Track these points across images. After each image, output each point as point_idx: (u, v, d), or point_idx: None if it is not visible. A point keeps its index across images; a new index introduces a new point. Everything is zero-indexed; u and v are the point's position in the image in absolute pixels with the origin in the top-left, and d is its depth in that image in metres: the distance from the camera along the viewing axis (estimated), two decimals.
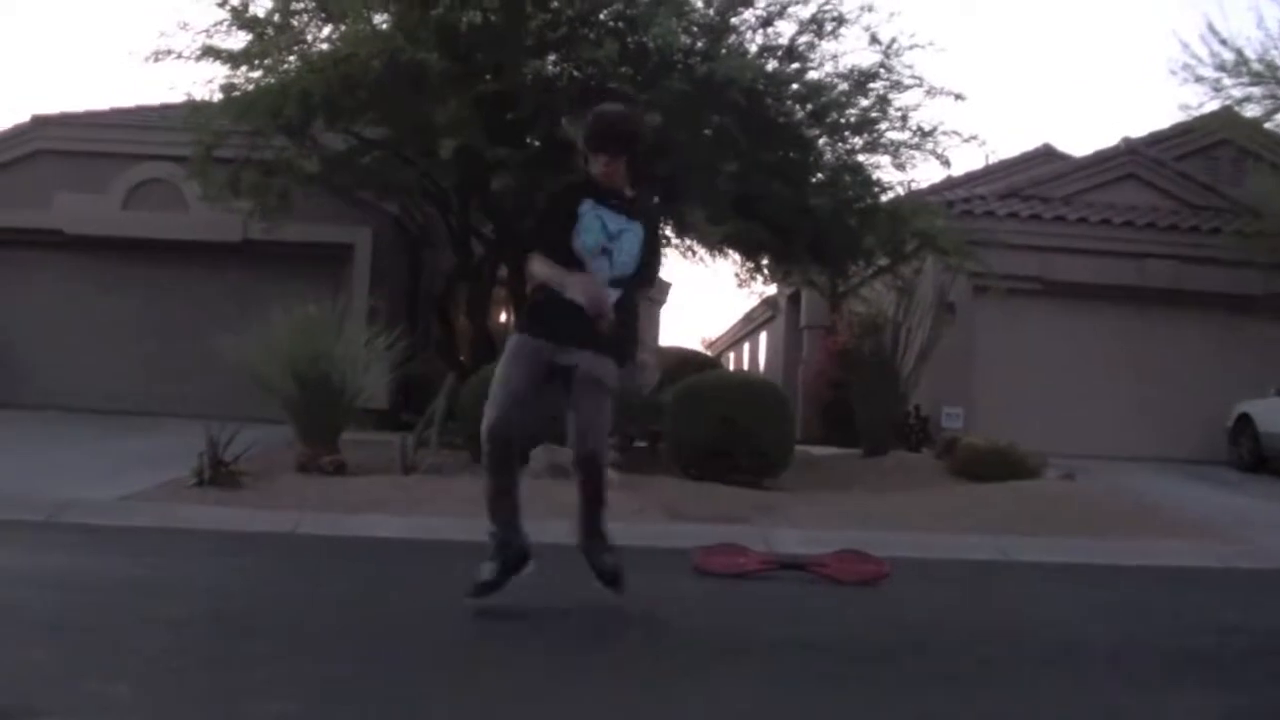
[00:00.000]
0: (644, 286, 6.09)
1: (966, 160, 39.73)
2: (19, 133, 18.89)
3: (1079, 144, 71.80)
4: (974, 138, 14.23)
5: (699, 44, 13.37)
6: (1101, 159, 19.69)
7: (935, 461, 14.17)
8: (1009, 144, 72.70)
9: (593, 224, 5.59)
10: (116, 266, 18.71)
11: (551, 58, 13.15)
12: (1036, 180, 19.52)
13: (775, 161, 13.12)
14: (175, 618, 5.47)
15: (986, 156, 22.07)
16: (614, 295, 5.59)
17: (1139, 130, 24.03)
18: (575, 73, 13.07)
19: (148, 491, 10.08)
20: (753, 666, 4.91)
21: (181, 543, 8.28)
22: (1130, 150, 19.47)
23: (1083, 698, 4.60)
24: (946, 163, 14.46)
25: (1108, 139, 21.46)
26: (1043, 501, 10.79)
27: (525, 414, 5.71)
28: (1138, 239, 18.45)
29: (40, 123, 18.82)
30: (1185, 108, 25.57)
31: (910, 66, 13.81)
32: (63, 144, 18.66)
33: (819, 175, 14.14)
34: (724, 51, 13.13)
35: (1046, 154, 22.89)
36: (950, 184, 19.24)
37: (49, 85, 72.16)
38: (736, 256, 16.86)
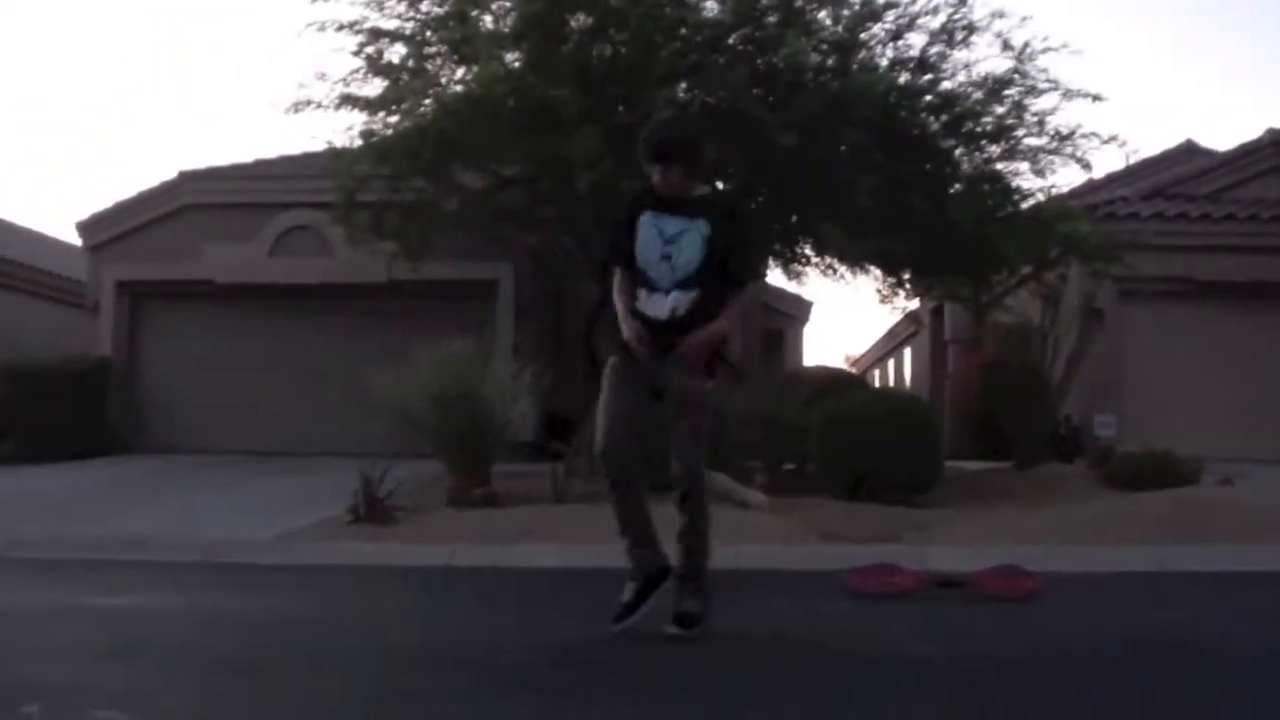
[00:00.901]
0: (730, 285, 5.86)
1: (1107, 162, 39.20)
2: (167, 189, 19.43)
3: (1222, 138, 70.26)
4: (1114, 138, 13.94)
5: (829, 61, 13.33)
6: (1246, 152, 19.20)
7: (1089, 472, 13.95)
8: (1150, 142, 71.18)
9: (648, 235, 5.70)
10: (266, 311, 19.16)
11: (683, 85, 13.22)
12: (1180, 178, 19.11)
13: (912, 175, 13.02)
14: (341, 653, 5.61)
15: (1127, 157, 21.59)
16: (685, 300, 5.66)
17: None
18: (707, 99, 13.13)
19: (305, 530, 10.35)
20: (908, 685, 4.90)
21: (341, 579, 8.48)
22: (1275, 141, 18.94)
23: (1246, 713, 4.52)
24: (1087, 166, 14.23)
25: (1252, 131, 20.97)
26: (1201, 509, 10.56)
27: (630, 431, 5.75)
28: None
29: (187, 178, 19.34)
30: None
31: (1045, 70, 13.62)
32: (210, 197, 19.14)
33: (957, 186, 14.00)
34: (855, 67, 13.08)
35: (1189, 150, 22.39)
36: (1091, 187, 18.91)
37: (195, 142, 74.33)
38: (877, 272, 16.73)
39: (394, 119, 13.78)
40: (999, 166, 14.22)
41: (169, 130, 76.51)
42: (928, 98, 13.64)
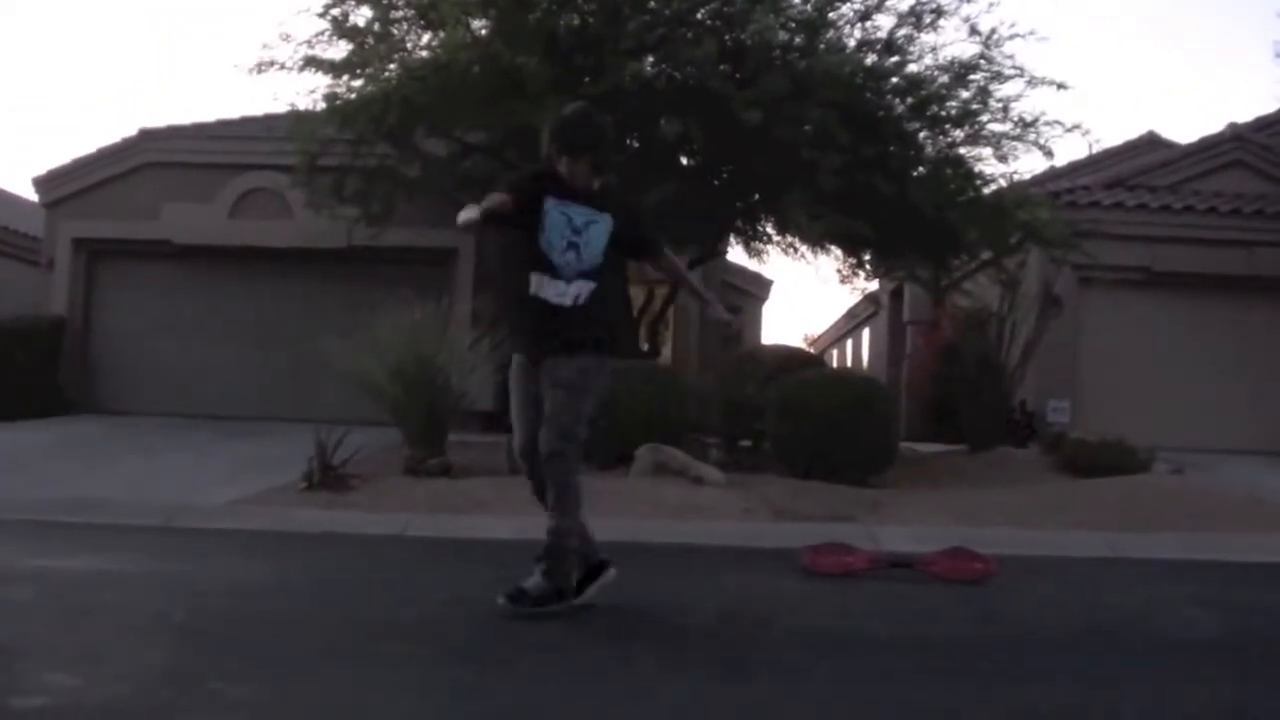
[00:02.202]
0: (653, 256, 6.14)
1: (1070, 150, 39.33)
2: (127, 146, 19.25)
3: (1184, 131, 70.48)
4: (1077, 127, 14.08)
5: (797, 40, 13.33)
6: (1207, 146, 19.31)
7: (1042, 457, 14.04)
8: (1113, 133, 71.51)
9: (556, 221, 5.72)
10: (224, 274, 19.02)
11: (650, 59, 13.19)
12: (1141, 169, 19.20)
13: (876, 156, 13.04)
14: (292, 619, 5.59)
15: (1090, 146, 21.74)
16: (586, 289, 5.74)
17: (1245, 115, 23.49)
18: (674, 73, 13.10)
19: (258, 495, 10.30)
20: (860, 664, 4.93)
21: (293, 546, 8.44)
22: (1237, 136, 19.08)
23: (1193, 695, 4.56)
24: (1049, 153, 14.29)
25: (1213, 125, 21.10)
26: (1152, 497, 10.66)
27: (537, 426, 5.76)
28: (1246, 227, 18.09)
29: (147, 136, 19.15)
30: None
31: (1011, 57, 13.69)
32: (170, 156, 18.97)
33: (920, 169, 14.03)
34: (822, 47, 13.08)
35: (1151, 142, 22.52)
36: (1054, 175, 19.00)
37: (156, 99, 73.62)
38: (838, 252, 16.79)
39: (358, 83, 13.70)
40: (962, 151, 14.28)
41: (131, 87, 75.83)
42: (894, 80, 13.67)
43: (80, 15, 77.37)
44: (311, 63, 13.72)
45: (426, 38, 13.88)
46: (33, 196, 20.07)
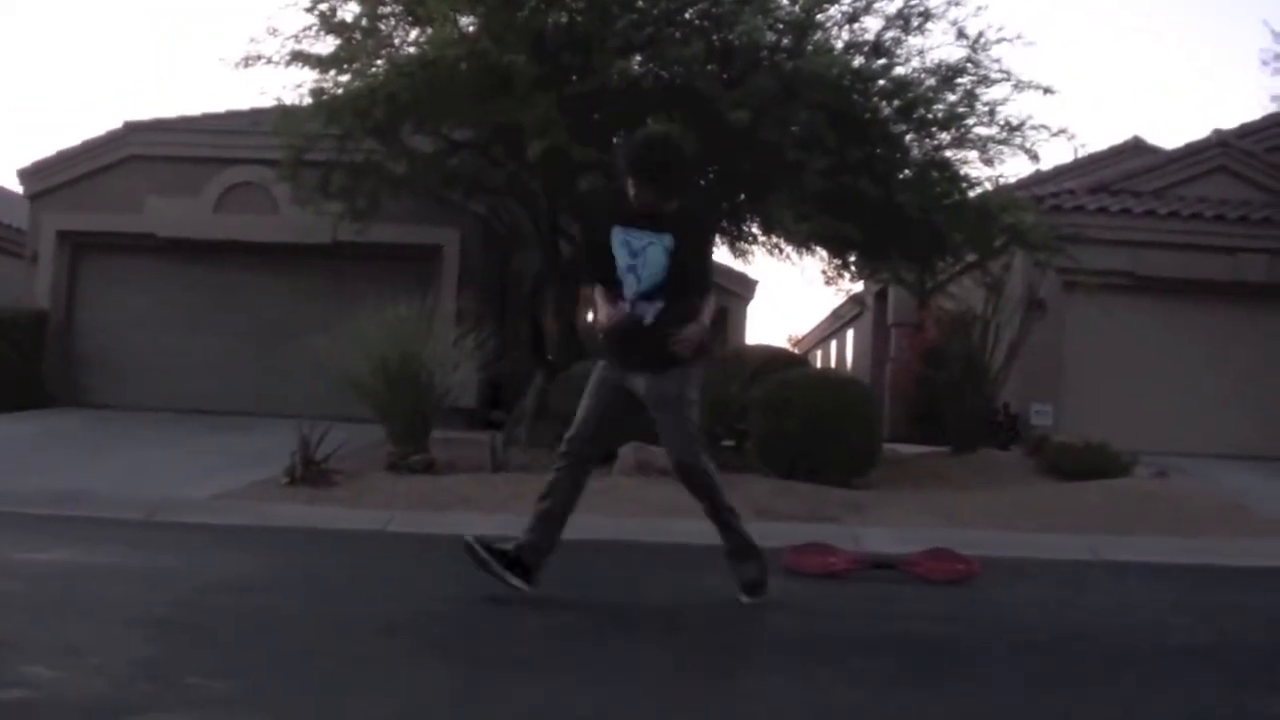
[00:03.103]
0: (692, 297, 5.99)
1: (1055, 155, 39.41)
2: (112, 139, 19.17)
3: (1169, 137, 70.75)
4: (1063, 131, 14.02)
5: (785, 41, 13.32)
6: (1192, 151, 19.38)
7: (1025, 459, 14.06)
8: (1098, 137, 71.65)
9: (618, 250, 5.91)
10: (209, 269, 18.96)
11: (637, 58, 13.17)
12: (1126, 174, 19.27)
13: (862, 158, 13.04)
14: (272, 615, 5.58)
15: (1075, 150, 21.77)
16: (650, 310, 5.90)
17: (1230, 122, 23.55)
18: (661, 73, 13.10)
19: (240, 490, 10.28)
20: (843, 664, 4.92)
21: (274, 541, 8.43)
22: (1221, 142, 19.15)
23: (1172, 698, 4.57)
24: (1035, 157, 14.27)
25: (1198, 131, 21.15)
26: (1134, 500, 10.69)
27: (599, 431, 6.07)
28: (1230, 233, 18.16)
29: (133, 128, 19.08)
30: (1277, 98, 25.13)
31: (998, 60, 13.68)
32: (155, 149, 18.90)
33: (906, 172, 14.04)
34: (810, 48, 13.08)
35: (1136, 147, 22.58)
36: (1039, 179, 19.05)
37: (142, 92, 73.42)
38: (823, 254, 16.77)
39: (345, 78, 13.65)
40: (948, 154, 14.28)
41: (117, 81, 75.63)
42: (881, 82, 13.67)
43: (65, 9, 77.18)
44: (298, 57, 13.67)
45: (414, 34, 13.85)
46: (17, 188, 19.99)
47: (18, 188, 19.93)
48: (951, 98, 13.74)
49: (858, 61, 13.64)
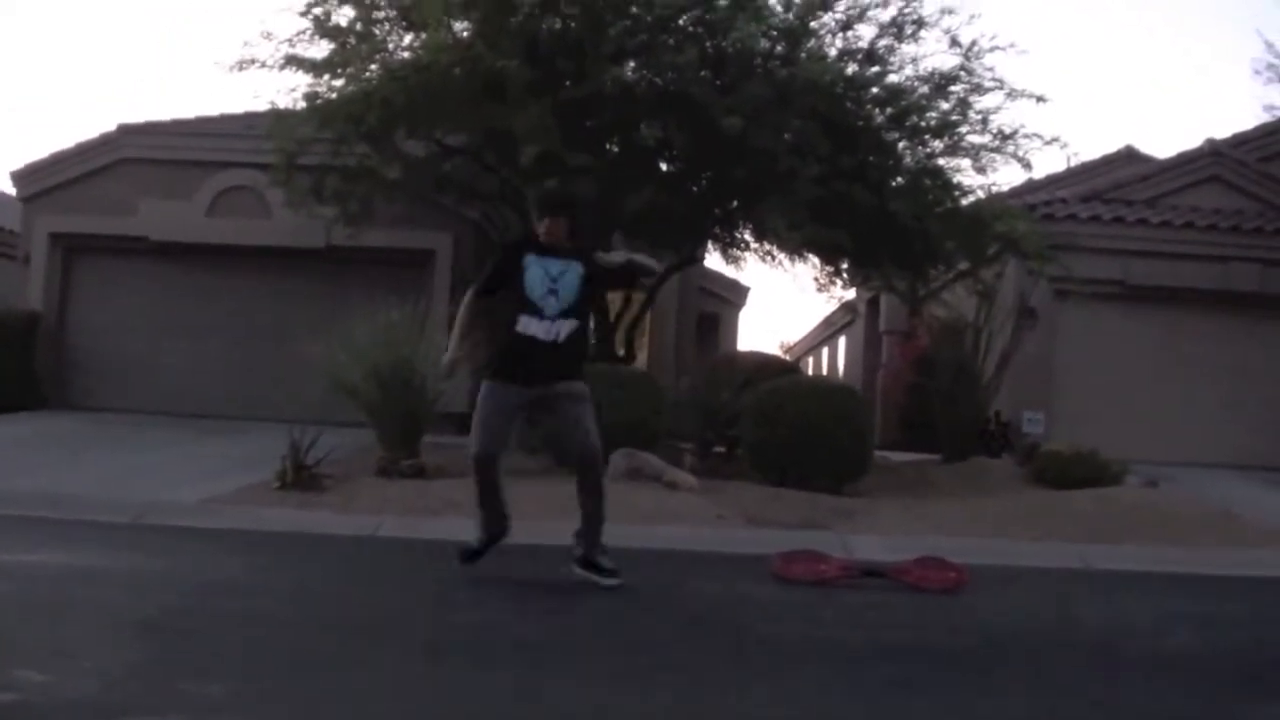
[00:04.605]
0: (629, 279, 7.69)
1: (1048, 163, 39.40)
2: (106, 141, 19.14)
3: (1162, 146, 70.89)
4: (1055, 140, 14.07)
5: (778, 48, 13.35)
6: (1184, 161, 19.39)
7: (1016, 468, 14.07)
8: (1091, 146, 71.82)
9: (536, 273, 6.81)
10: (201, 272, 18.92)
11: (631, 64, 13.18)
12: (1119, 183, 19.27)
13: (855, 166, 13.05)
14: (262, 619, 5.57)
15: (1068, 159, 21.80)
16: (567, 327, 6.80)
17: (1223, 131, 23.57)
18: (655, 79, 13.11)
19: (230, 494, 10.25)
20: (831, 672, 4.93)
21: (264, 545, 8.41)
22: (1214, 152, 19.16)
23: (1160, 707, 4.57)
24: (1028, 166, 14.33)
25: (1191, 140, 21.23)
26: (1124, 509, 10.69)
27: (500, 442, 6.99)
28: (1222, 242, 18.17)
29: (126, 131, 19.04)
30: (1270, 108, 25.13)
31: (991, 69, 13.72)
32: (148, 152, 18.86)
33: (899, 179, 14.06)
34: (803, 55, 13.10)
35: (1129, 156, 22.59)
36: (1031, 187, 19.06)
37: (135, 95, 73.35)
38: (816, 261, 16.79)
39: (339, 82, 13.67)
40: (941, 162, 14.31)
41: (110, 83, 75.56)
42: (874, 90, 13.71)
43: (59, 12, 77.12)
44: (292, 61, 13.68)
45: (408, 39, 13.86)
46: (10, 190, 19.96)
47: (10, 190, 19.90)
48: (944, 106, 13.78)
49: (851, 69, 13.68)
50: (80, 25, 77.82)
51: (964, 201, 14.43)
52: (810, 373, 32.14)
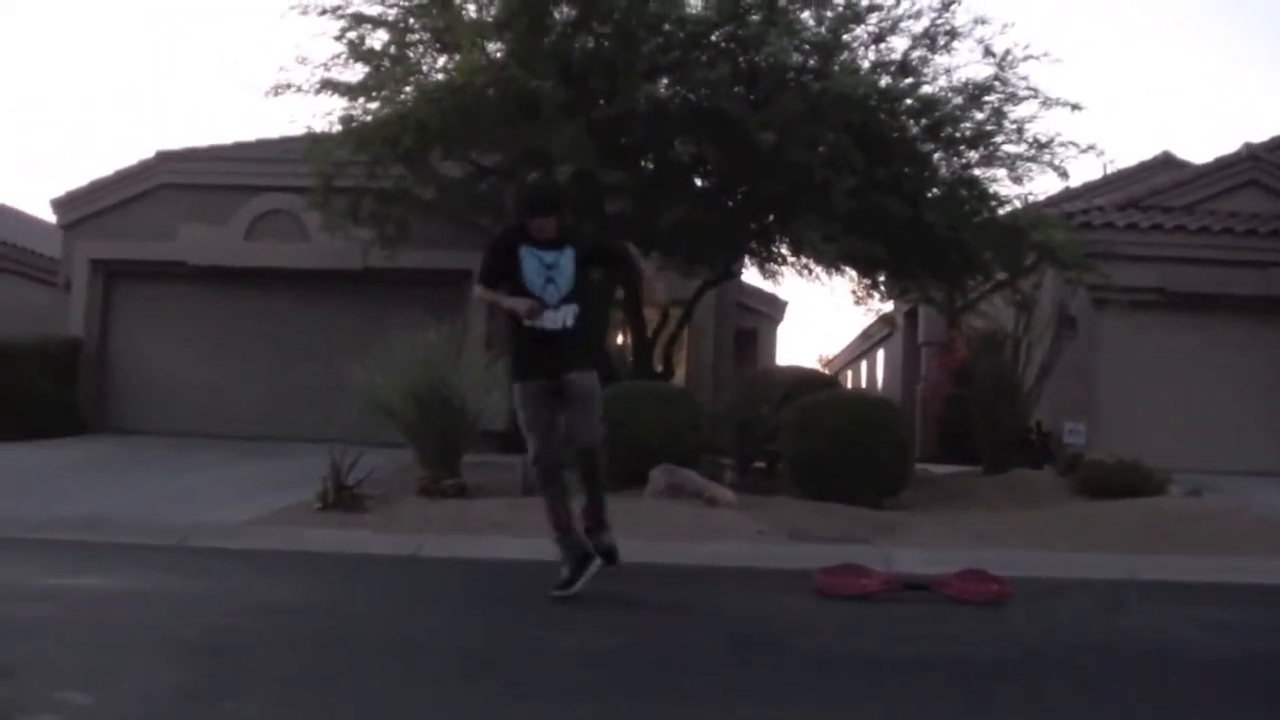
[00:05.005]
0: (621, 256, 7.82)
1: (1084, 171, 39.18)
2: (144, 168, 19.33)
3: (1199, 151, 70.50)
4: (1091, 148, 13.97)
5: (811, 62, 13.34)
6: (1222, 166, 19.26)
7: (1057, 479, 13.96)
8: (1127, 153, 71.42)
9: (532, 264, 6.95)
10: (240, 296, 19.09)
11: (664, 81, 13.20)
12: (1156, 190, 19.17)
13: (890, 177, 13.03)
14: (305, 639, 5.59)
15: (1104, 167, 21.66)
16: (570, 313, 6.97)
17: (1260, 135, 23.38)
18: (688, 95, 13.12)
19: (272, 515, 10.30)
20: (877, 687, 4.91)
21: (307, 566, 8.44)
22: (1251, 156, 19.02)
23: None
24: (1064, 174, 14.25)
25: (1228, 145, 21.10)
26: (1169, 519, 10.59)
27: (555, 439, 7.06)
28: (1262, 247, 18.04)
29: (164, 158, 19.24)
30: None
31: (1025, 78, 13.68)
32: (186, 178, 19.06)
33: (935, 190, 14.02)
34: (836, 69, 13.08)
35: (1165, 162, 22.48)
36: (1068, 196, 18.99)
37: (173, 121, 73.95)
38: (853, 274, 16.74)
39: (374, 105, 13.75)
40: (977, 172, 14.26)
41: (148, 110, 76.19)
42: (908, 101, 13.67)
43: (97, 40, 77.82)
44: (328, 85, 13.77)
45: (442, 60, 13.93)
46: (50, 218, 20.17)
47: (51, 217, 20.11)
48: (979, 116, 13.73)
49: (884, 81, 13.65)
50: (117, 53, 78.50)
51: (1000, 211, 14.37)
52: (849, 386, 32.05)
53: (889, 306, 21.55)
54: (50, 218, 20.44)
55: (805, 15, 13.48)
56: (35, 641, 5.32)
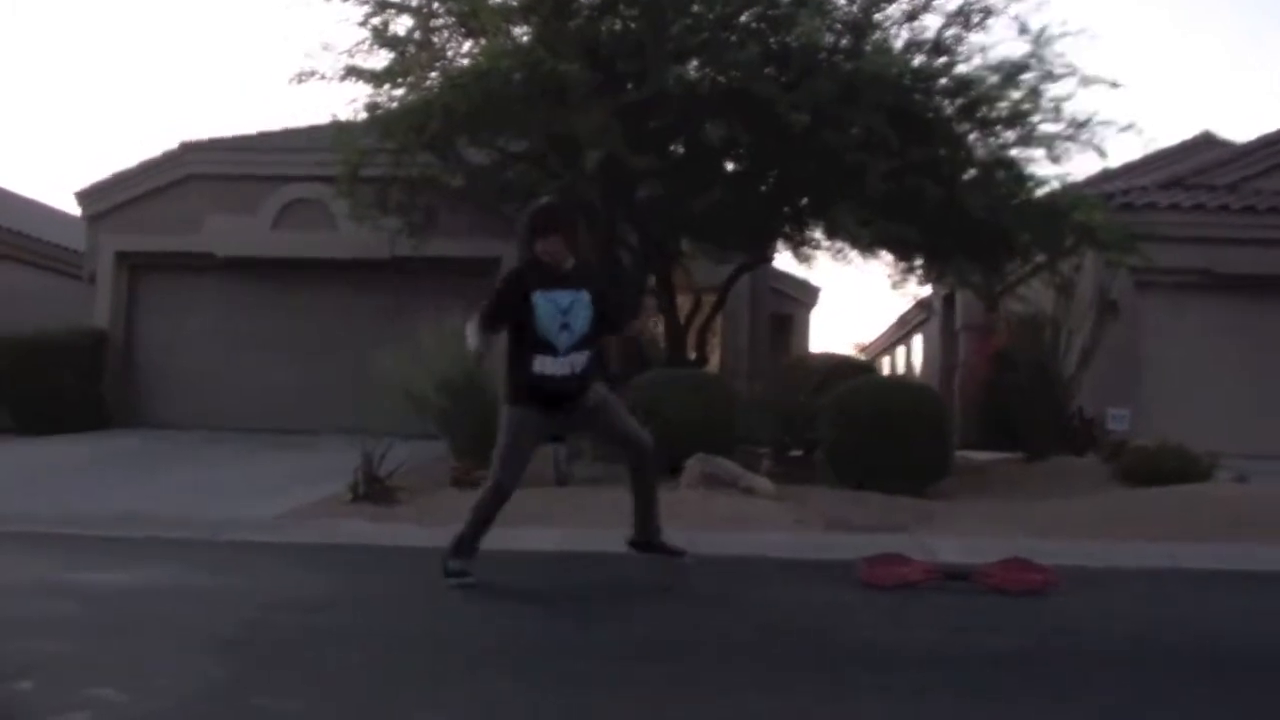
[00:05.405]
0: (624, 324, 7.89)
1: (1124, 151, 38.84)
2: (170, 159, 19.40)
3: (1240, 129, 69.94)
4: (1131, 126, 13.98)
5: (843, 42, 13.31)
6: (1266, 143, 19.07)
7: (1101, 465, 13.89)
8: (1167, 133, 71.01)
9: (547, 310, 6.81)
10: (268, 286, 19.15)
11: (694, 63, 13.18)
12: (1199, 168, 19.01)
13: (925, 159, 12.98)
14: (339, 633, 5.61)
15: (1145, 146, 21.59)
16: (582, 360, 6.90)
17: None
18: (718, 77, 13.09)
19: (304, 508, 10.33)
20: (919, 678, 4.89)
21: (339, 559, 8.47)
22: None
23: (1259, 713, 4.50)
24: (1103, 154, 14.18)
25: (1271, 123, 20.88)
26: (1215, 505, 10.50)
27: (521, 476, 7.21)
28: None
29: (189, 148, 19.29)
30: None
31: (1062, 55, 13.58)
32: (212, 168, 19.12)
33: (971, 172, 13.97)
34: (869, 48, 13.05)
35: (1207, 141, 22.33)
36: (1107, 176, 18.83)
37: (198, 112, 74.26)
38: (888, 258, 16.69)
39: (399, 92, 13.78)
40: (1013, 153, 14.19)
41: (173, 100, 76.50)
42: (942, 81, 13.62)
43: (122, 28, 78.17)
44: (352, 72, 13.81)
45: (467, 45, 13.95)
46: (75, 210, 20.28)
47: (75, 210, 20.21)
48: (1015, 95, 13.66)
49: (918, 60, 13.60)
50: (140, 43, 78.82)
51: (1038, 193, 14.30)
52: (886, 373, 31.99)
53: (926, 291, 21.50)
54: (70, 208, 20.56)
55: None
56: (66, 638, 5.36)
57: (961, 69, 13.74)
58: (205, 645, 5.25)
